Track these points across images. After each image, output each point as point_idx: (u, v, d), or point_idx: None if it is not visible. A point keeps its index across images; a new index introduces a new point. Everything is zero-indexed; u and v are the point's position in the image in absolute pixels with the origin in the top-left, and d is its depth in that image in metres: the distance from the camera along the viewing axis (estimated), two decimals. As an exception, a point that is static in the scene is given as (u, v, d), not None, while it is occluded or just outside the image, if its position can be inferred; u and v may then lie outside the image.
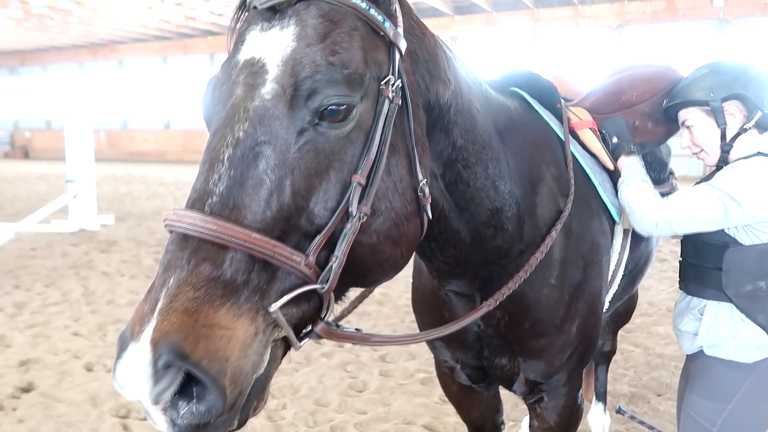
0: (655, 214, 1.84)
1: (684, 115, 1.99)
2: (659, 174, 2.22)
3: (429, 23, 1.44)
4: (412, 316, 2.20)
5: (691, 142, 2.00)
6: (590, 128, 2.06)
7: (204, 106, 1.19)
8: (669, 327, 5.16)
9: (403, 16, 1.28)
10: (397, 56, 1.21)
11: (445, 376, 2.18)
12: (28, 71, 30.98)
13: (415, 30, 1.34)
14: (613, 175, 2.03)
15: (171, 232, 1.03)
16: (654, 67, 2.29)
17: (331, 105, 1.08)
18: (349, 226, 1.10)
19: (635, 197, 1.89)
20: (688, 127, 1.99)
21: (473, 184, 1.51)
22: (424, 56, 1.34)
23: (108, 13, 20.87)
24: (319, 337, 1.13)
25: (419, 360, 4.39)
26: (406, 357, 4.49)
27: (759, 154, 1.86)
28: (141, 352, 0.92)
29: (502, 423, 2.35)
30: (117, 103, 28.89)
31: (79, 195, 9.57)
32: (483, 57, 20.34)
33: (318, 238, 1.07)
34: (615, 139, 2.06)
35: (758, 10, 17.29)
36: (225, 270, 0.99)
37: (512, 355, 1.85)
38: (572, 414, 2.00)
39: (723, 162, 1.95)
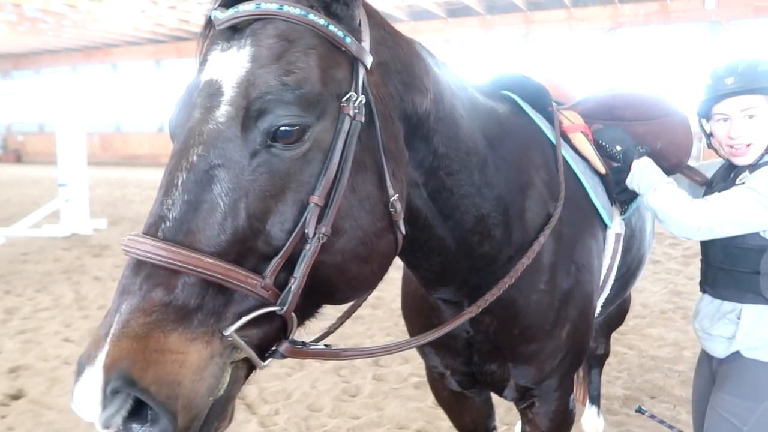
0: (697, 218, 1.79)
1: (749, 101, 1.87)
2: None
3: (422, 26, 1.43)
4: (404, 320, 2.18)
5: (745, 133, 1.89)
6: (582, 132, 2.04)
7: (170, 129, 1.19)
8: (663, 329, 5.16)
9: (372, 28, 1.26)
10: (361, 71, 1.19)
11: (436, 382, 2.17)
12: (21, 75, 30.81)
13: (387, 41, 1.32)
14: (605, 179, 2.01)
15: (127, 256, 1.04)
16: (652, 94, 2.26)
17: (283, 126, 1.07)
18: (308, 247, 1.09)
19: (670, 202, 1.82)
20: (751, 117, 1.88)
21: (457, 192, 1.49)
22: (398, 67, 1.31)
23: (102, 16, 20.80)
24: (284, 356, 1.13)
25: (413, 364, 4.37)
26: (399, 361, 4.47)
27: None
28: (93, 376, 0.94)
29: (495, 428, 2.34)
30: (110, 106, 28.74)
31: (71, 199, 9.52)
32: (477, 60, 20.36)
33: (275, 260, 1.07)
34: (619, 147, 2.00)
35: (750, 12, 17.37)
36: (177, 295, 0.99)
37: (502, 361, 1.83)
38: (564, 419, 1.99)
39: (759, 159, 1.90)
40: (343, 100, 1.15)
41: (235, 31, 1.15)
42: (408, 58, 1.35)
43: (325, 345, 1.24)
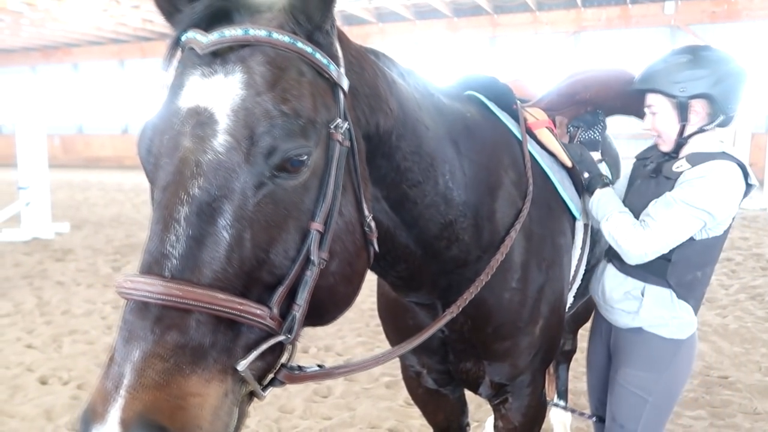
0: (640, 247, 1.88)
1: (651, 99, 1.99)
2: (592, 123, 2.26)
3: (390, 28, 1.43)
4: (377, 320, 2.20)
5: (652, 126, 2.02)
6: (547, 127, 2.09)
7: (143, 155, 1.12)
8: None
9: (343, 53, 1.26)
10: (341, 97, 1.19)
11: (411, 380, 2.19)
12: (-24, 75, 29.87)
13: (354, 65, 1.31)
14: (572, 173, 2.07)
15: (127, 299, 0.98)
16: (608, 69, 2.33)
17: (293, 156, 1.06)
18: (309, 273, 1.09)
19: (617, 232, 1.92)
20: (652, 113, 2.00)
21: (421, 202, 1.50)
22: (365, 91, 1.32)
23: (61, 15, 20.25)
24: (283, 384, 1.12)
25: (385, 364, 4.37)
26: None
27: (723, 153, 1.91)
28: None
29: (468, 425, 2.37)
30: (72, 107, 28.06)
31: (32, 202, 9.25)
32: (444, 62, 20.53)
33: (281, 289, 1.06)
34: (586, 175, 2.07)
35: (707, 17, 17.96)
36: (192, 335, 0.96)
37: (477, 359, 1.86)
38: (536, 413, 2.03)
39: (674, 152, 2.00)
40: (332, 126, 1.15)
41: (216, 55, 1.10)
42: (373, 80, 1.35)
43: (318, 365, 1.22)
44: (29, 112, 9.58)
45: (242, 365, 1.00)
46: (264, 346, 1.03)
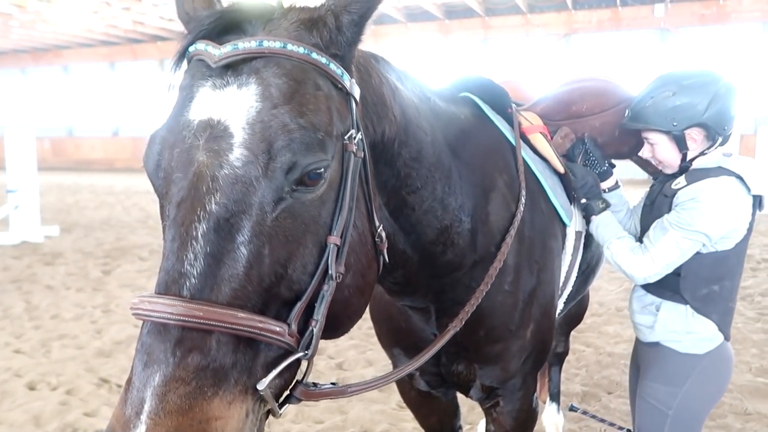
0: (642, 271, 1.94)
1: (647, 133, 2.02)
2: (599, 167, 2.25)
3: (382, 30, 1.42)
4: (369, 323, 2.19)
5: (652, 155, 2.05)
6: (541, 132, 2.08)
7: (151, 169, 1.08)
8: (619, 326, 5.31)
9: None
10: (354, 107, 1.18)
11: (404, 382, 2.18)
12: (-35, 77, 29.61)
13: (363, 73, 1.30)
14: (564, 179, 2.06)
15: (144, 321, 0.95)
16: (604, 82, 2.33)
17: (312, 170, 1.04)
18: (326, 287, 1.07)
19: (618, 258, 1.98)
20: (651, 144, 2.02)
21: (419, 208, 1.49)
22: (372, 99, 1.30)
23: (52, 17, 20.13)
24: (299, 400, 1.10)
25: (376, 367, 4.37)
26: (363, 364, 4.46)
27: (719, 168, 1.91)
28: None
29: (460, 428, 2.36)
30: (62, 109, 27.89)
31: (21, 206, 9.18)
32: (436, 63, 20.56)
33: (299, 305, 1.04)
34: (584, 200, 2.07)
35: (696, 20, 18.11)
36: (213, 356, 0.94)
37: (468, 362, 1.85)
38: (528, 417, 2.02)
39: (680, 172, 2.01)
40: (346, 137, 1.13)
41: (228, 67, 1.07)
42: (379, 88, 1.34)
43: (331, 383, 1.21)
44: (18, 115, 9.51)
45: (263, 384, 0.97)
46: (284, 364, 1.01)
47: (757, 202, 1.93)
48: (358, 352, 4.66)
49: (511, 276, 1.77)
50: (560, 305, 2.14)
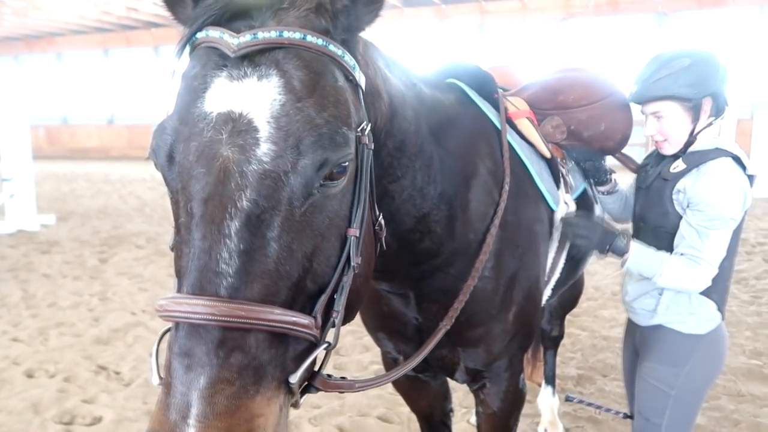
0: (703, 282, 1.92)
1: (658, 106, 1.98)
2: (600, 177, 2.26)
3: (378, 15, 1.38)
4: (362, 309, 2.20)
5: (658, 131, 2.01)
6: (527, 117, 2.07)
7: (162, 161, 1.05)
8: (614, 311, 5.34)
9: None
10: (362, 98, 1.18)
11: (390, 366, 2.19)
12: (-42, 65, 29.37)
13: (362, 64, 1.27)
14: (551, 163, 2.06)
15: (181, 323, 0.94)
16: (593, 74, 2.31)
17: (341, 164, 1.05)
18: (346, 278, 1.09)
19: (678, 281, 1.91)
20: (658, 118, 1.99)
21: (399, 197, 1.49)
22: (370, 89, 1.28)
23: (44, 4, 19.94)
24: (318, 390, 1.11)
25: (373, 352, 4.39)
26: (360, 349, 4.49)
27: (717, 149, 1.92)
28: None
29: (451, 410, 2.38)
30: (56, 97, 27.71)
31: (16, 194, 9.14)
32: (432, 49, 20.45)
33: (323, 297, 1.06)
34: (608, 251, 1.99)
35: (694, 4, 18.02)
36: (253, 354, 0.94)
37: (451, 346, 1.86)
38: (515, 398, 2.03)
39: (681, 152, 2.00)
40: (358, 129, 1.13)
41: (244, 57, 1.04)
42: (374, 77, 1.33)
43: (341, 377, 1.23)
44: (12, 103, 9.44)
45: (295, 378, 0.99)
46: (312, 356, 1.02)
47: (751, 183, 1.95)
48: (354, 338, 4.68)
49: (492, 262, 1.76)
50: (548, 291, 2.14)
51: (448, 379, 2.24)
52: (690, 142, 1.99)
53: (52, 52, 27.64)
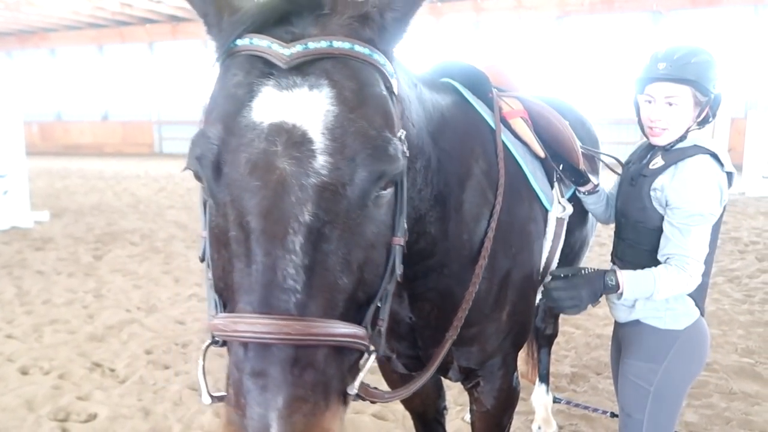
0: (693, 282, 1.91)
1: (678, 90, 1.91)
2: (578, 179, 2.23)
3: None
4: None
5: (663, 117, 1.95)
6: (521, 117, 2.08)
7: (209, 171, 1.01)
8: (608, 309, 5.34)
9: None
10: (398, 107, 1.19)
11: (384, 365, 2.20)
12: (-50, 60, 29.14)
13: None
14: (545, 163, 2.06)
15: (253, 343, 0.93)
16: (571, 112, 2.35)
17: (395, 175, 1.05)
18: (390, 287, 1.10)
19: (672, 290, 1.91)
20: (670, 104, 1.93)
21: None
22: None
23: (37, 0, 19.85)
24: (362, 398, 1.11)
25: (368, 349, 4.40)
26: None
27: (695, 146, 1.93)
28: None
29: (445, 408, 2.39)
30: (50, 93, 27.55)
31: (9, 191, 9.10)
32: (428, 47, 20.43)
33: (372, 307, 1.06)
34: (602, 298, 1.98)
35: (689, 3, 18.09)
36: (323, 370, 0.95)
37: (445, 345, 1.86)
38: (508, 396, 2.04)
39: (670, 146, 1.98)
40: (398, 137, 1.11)
41: (292, 67, 1.02)
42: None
43: (374, 388, 1.23)
44: (5, 99, 9.39)
45: (354, 389, 1.00)
46: (368, 365, 1.03)
47: (729, 180, 1.95)
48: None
49: (485, 261, 1.76)
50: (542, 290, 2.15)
51: (442, 377, 2.25)
52: (682, 138, 1.99)
53: (45, 47, 27.46)
